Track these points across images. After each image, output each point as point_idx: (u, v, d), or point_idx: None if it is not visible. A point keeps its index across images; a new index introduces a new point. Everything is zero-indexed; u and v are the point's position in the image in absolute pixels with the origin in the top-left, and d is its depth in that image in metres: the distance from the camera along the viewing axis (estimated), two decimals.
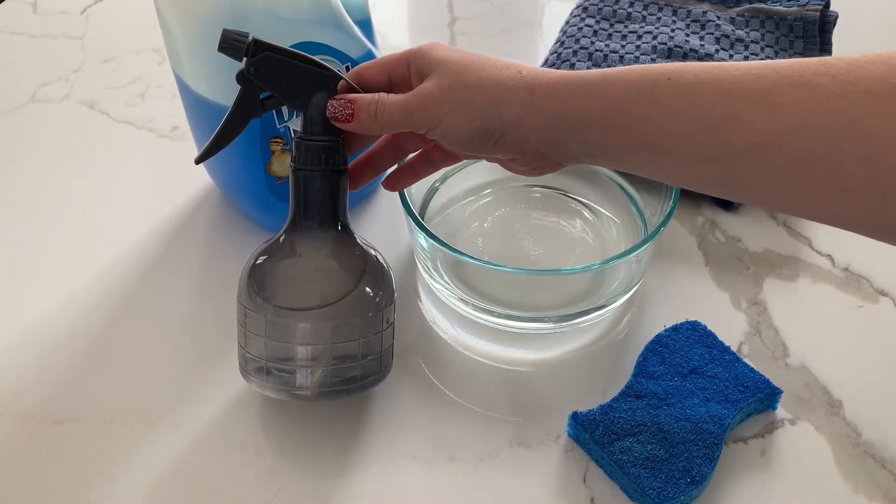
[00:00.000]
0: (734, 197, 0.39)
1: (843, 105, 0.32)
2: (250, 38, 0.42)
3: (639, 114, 0.37)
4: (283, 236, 0.46)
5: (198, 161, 0.45)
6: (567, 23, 0.71)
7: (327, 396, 0.46)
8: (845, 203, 0.34)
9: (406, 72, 0.44)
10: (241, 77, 0.43)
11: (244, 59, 0.42)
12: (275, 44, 0.42)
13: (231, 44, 0.42)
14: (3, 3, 0.84)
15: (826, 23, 0.66)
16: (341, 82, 0.44)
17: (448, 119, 0.41)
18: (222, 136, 0.44)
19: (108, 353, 0.52)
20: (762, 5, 0.68)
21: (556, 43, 0.69)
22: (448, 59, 0.41)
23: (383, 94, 0.43)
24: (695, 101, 0.35)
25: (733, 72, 0.35)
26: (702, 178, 0.38)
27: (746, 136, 0.34)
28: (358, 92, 0.44)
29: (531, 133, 0.40)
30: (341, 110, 0.43)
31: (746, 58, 0.64)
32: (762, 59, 0.64)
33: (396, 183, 0.50)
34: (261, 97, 0.44)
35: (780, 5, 0.68)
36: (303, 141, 0.44)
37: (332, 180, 0.45)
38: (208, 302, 0.54)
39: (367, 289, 0.45)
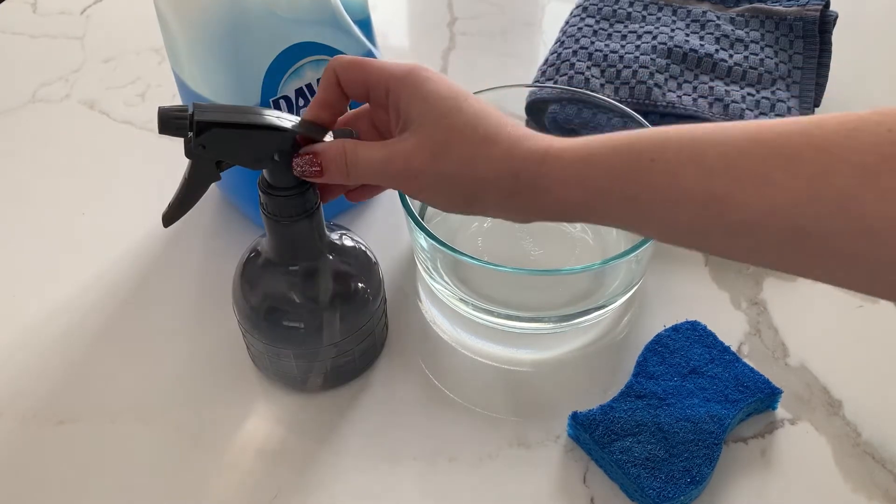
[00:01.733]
0: (731, 259, 0.39)
1: (836, 181, 0.31)
2: (190, 111, 0.38)
3: (623, 197, 0.36)
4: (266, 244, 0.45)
5: (166, 225, 0.42)
6: (567, 23, 0.71)
7: (330, 386, 0.49)
8: (842, 271, 0.33)
9: (384, 97, 0.40)
10: (190, 153, 0.39)
11: (190, 135, 0.38)
12: (218, 117, 0.38)
13: (172, 123, 0.37)
14: (3, 3, 0.84)
15: (826, 23, 0.66)
16: (301, 136, 0.40)
17: (426, 193, 0.39)
18: (185, 201, 0.41)
19: (109, 353, 0.52)
20: (762, 5, 0.68)
21: (556, 43, 0.69)
22: (432, 112, 0.38)
23: (349, 145, 0.39)
24: (679, 182, 0.34)
25: (717, 146, 0.34)
26: (695, 247, 0.37)
27: (736, 214, 0.33)
28: (318, 141, 0.40)
29: (513, 215, 0.39)
30: (308, 167, 0.39)
31: (746, 58, 0.64)
32: (761, 58, 0.64)
33: (361, 195, 0.46)
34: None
35: (780, 5, 0.68)
36: (268, 195, 0.41)
37: (305, 222, 0.42)
38: (208, 301, 0.54)
39: (359, 285, 0.46)
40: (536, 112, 0.63)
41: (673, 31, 0.66)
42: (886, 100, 0.69)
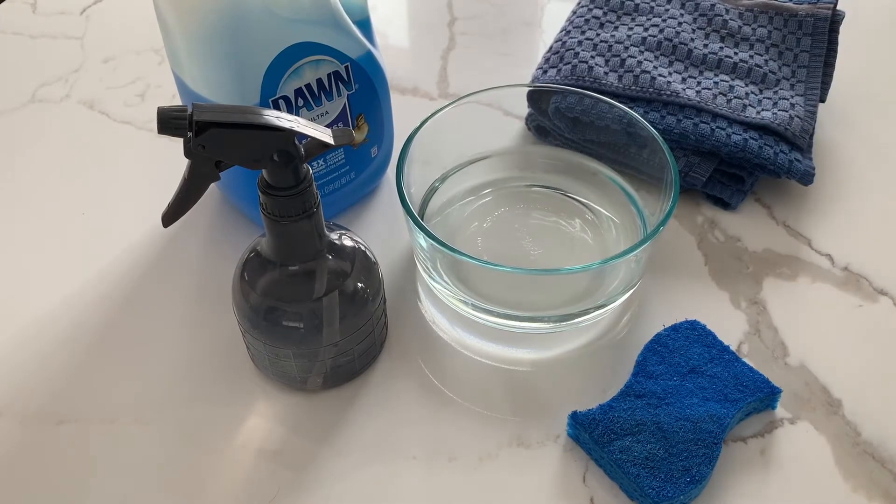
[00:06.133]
0: None
1: None
2: (190, 111, 0.37)
3: None
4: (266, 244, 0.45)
5: (166, 225, 0.42)
6: (574, 13, 0.70)
7: (330, 386, 0.49)
8: None
9: None
10: (189, 153, 0.38)
11: (189, 135, 0.38)
12: (217, 117, 0.38)
13: (172, 123, 0.37)
14: (3, 3, 0.84)
15: (835, 21, 0.66)
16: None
17: None
18: (184, 201, 0.41)
19: (108, 353, 0.52)
20: (773, 1, 0.68)
21: (561, 31, 0.69)
22: None
23: None
24: None
25: None
26: None
27: None
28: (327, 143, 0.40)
29: None
30: None
31: (751, 56, 0.64)
32: (765, 59, 0.64)
33: None
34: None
35: (791, 2, 0.67)
36: (268, 195, 0.41)
37: (305, 222, 0.42)
38: (208, 301, 0.54)
39: (359, 285, 0.46)
40: (538, 101, 0.62)
41: (680, 24, 0.66)
42: (892, 97, 0.69)
